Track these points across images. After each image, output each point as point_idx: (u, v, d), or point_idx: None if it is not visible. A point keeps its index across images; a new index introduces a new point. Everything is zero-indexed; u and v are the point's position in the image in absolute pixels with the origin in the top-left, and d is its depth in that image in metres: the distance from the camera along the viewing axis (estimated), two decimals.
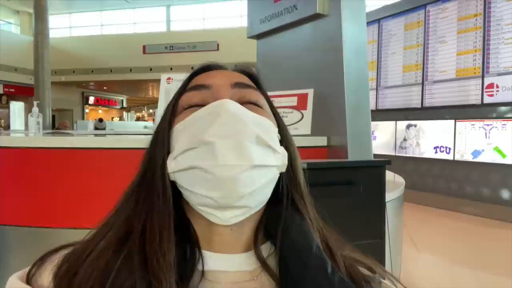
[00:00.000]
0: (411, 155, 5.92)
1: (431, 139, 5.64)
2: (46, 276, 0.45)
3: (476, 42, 5.10)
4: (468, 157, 5.19)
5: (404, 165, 5.73)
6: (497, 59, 4.90)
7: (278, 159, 0.49)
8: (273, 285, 0.49)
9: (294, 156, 0.55)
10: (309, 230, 0.51)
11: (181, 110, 0.52)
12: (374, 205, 1.49)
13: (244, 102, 0.51)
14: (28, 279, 0.46)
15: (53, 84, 11.32)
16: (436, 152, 5.58)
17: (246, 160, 0.44)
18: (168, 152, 0.50)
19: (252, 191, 0.45)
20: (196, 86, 0.52)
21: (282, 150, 0.51)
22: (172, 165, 0.48)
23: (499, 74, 4.87)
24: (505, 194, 4.83)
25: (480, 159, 5.07)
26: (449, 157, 5.41)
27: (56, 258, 0.47)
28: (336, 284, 0.45)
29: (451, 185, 5.39)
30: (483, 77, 5.02)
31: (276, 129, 0.53)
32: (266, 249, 0.53)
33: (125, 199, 0.52)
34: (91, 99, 18.74)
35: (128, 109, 21.98)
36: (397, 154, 6.07)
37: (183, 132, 0.49)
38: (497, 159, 4.90)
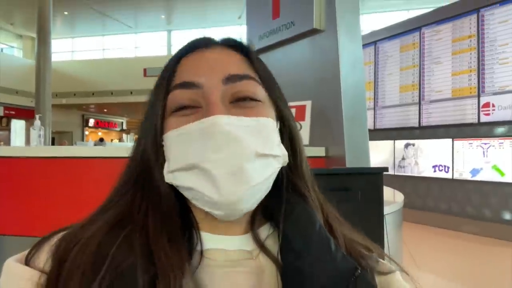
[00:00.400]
0: (410, 174, 5.93)
1: (429, 158, 5.66)
2: (43, 255, 0.45)
3: (471, 62, 5.19)
4: (467, 176, 5.20)
5: (403, 184, 5.73)
6: (492, 78, 4.98)
7: (279, 161, 0.50)
8: (272, 264, 0.50)
9: (295, 140, 0.54)
10: (312, 209, 0.51)
11: (170, 112, 0.49)
12: (372, 211, 1.50)
13: (238, 99, 0.48)
14: (27, 262, 0.45)
15: (53, 107, 11.40)
16: (435, 171, 5.59)
17: (247, 183, 0.44)
18: (163, 156, 0.49)
19: (252, 203, 0.47)
20: (185, 84, 0.48)
21: (282, 150, 0.50)
22: (170, 177, 0.47)
23: (495, 94, 4.94)
24: (504, 212, 4.81)
25: (479, 177, 5.08)
26: (448, 175, 5.41)
27: (55, 239, 0.47)
28: (339, 260, 0.46)
29: (450, 204, 5.38)
30: (479, 96, 5.09)
31: (275, 124, 0.51)
32: (265, 230, 0.53)
33: (117, 194, 0.51)
34: (91, 122, 18.84)
35: (127, 131, 22.05)
36: (396, 173, 6.07)
37: (176, 145, 0.47)
38: (495, 177, 4.91)
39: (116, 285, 0.39)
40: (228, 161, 0.43)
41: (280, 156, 0.49)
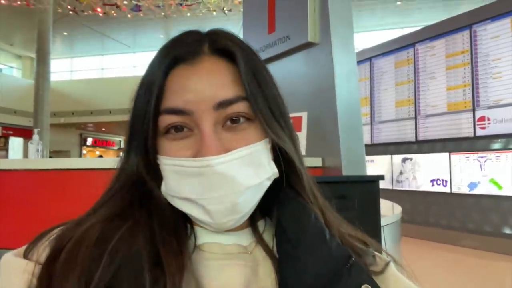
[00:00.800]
0: (408, 188, 5.92)
1: (427, 172, 5.67)
2: (41, 248, 0.45)
3: (465, 77, 5.26)
4: (465, 190, 5.20)
5: (402, 199, 5.72)
6: (486, 93, 5.04)
7: (271, 179, 0.51)
8: (267, 259, 0.51)
9: (288, 158, 0.52)
10: (306, 202, 0.52)
11: (161, 132, 0.48)
12: (369, 220, 1.50)
13: (231, 120, 0.48)
14: (26, 255, 0.45)
15: (51, 126, 11.43)
16: (433, 185, 5.59)
17: (239, 213, 0.47)
18: (159, 174, 0.50)
19: (245, 219, 0.50)
20: (174, 111, 0.47)
21: (272, 169, 0.50)
22: (167, 196, 0.49)
23: (490, 107, 4.99)
24: (503, 226, 4.80)
25: (476, 191, 5.08)
26: (446, 189, 5.41)
27: (54, 232, 0.47)
28: (333, 248, 0.47)
29: (449, 218, 5.36)
30: (474, 110, 5.14)
31: (266, 141, 0.50)
32: (261, 225, 0.55)
33: (112, 195, 0.51)
34: (89, 140, 18.82)
35: None
36: (394, 188, 6.07)
37: (170, 174, 0.48)
38: (493, 190, 4.91)
39: (119, 275, 0.40)
40: (222, 199, 0.45)
41: (271, 175, 0.50)
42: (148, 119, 0.48)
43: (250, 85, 0.48)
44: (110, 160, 1.91)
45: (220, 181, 0.45)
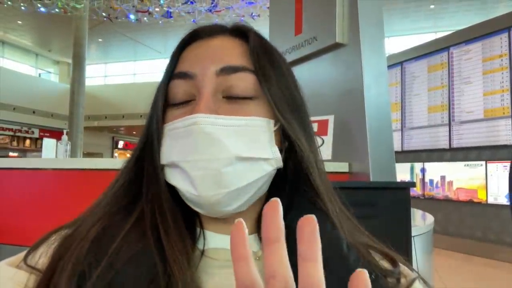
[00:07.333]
0: (440, 197, 5.69)
1: (461, 182, 5.43)
2: (39, 253, 0.44)
3: (503, 82, 5.02)
4: (502, 200, 4.94)
5: (433, 209, 5.50)
6: None
7: (272, 164, 0.46)
8: None
9: (295, 144, 0.48)
10: (322, 208, 0.48)
11: (169, 103, 0.48)
12: (399, 230, 1.42)
13: (229, 97, 0.46)
14: (25, 260, 0.44)
15: (86, 129, 11.82)
16: (467, 194, 5.35)
17: (225, 187, 0.43)
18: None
19: (238, 206, 0.45)
20: (181, 74, 0.48)
21: (274, 153, 0.46)
22: (164, 171, 0.46)
23: None
24: None
25: None
26: (482, 200, 5.16)
27: (53, 239, 0.46)
28: (351, 262, 0.42)
29: (484, 230, 5.10)
30: None
31: (270, 122, 0.47)
32: None
33: (121, 182, 0.49)
34: (121, 143, 19.36)
35: None
36: (426, 197, 5.85)
37: (165, 140, 0.46)
38: None
39: (119, 281, 0.38)
40: (206, 164, 0.42)
41: (271, 159, 0.46)
42: (163, 88, 0.49)
43: (259, 61, 0.47)
44: None
45: (206, 142, 0.42)
